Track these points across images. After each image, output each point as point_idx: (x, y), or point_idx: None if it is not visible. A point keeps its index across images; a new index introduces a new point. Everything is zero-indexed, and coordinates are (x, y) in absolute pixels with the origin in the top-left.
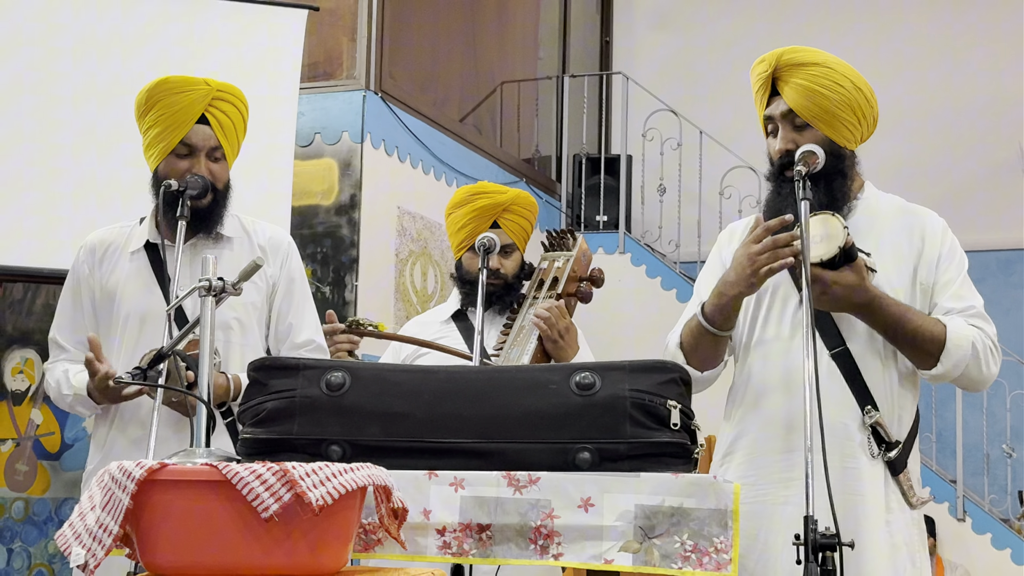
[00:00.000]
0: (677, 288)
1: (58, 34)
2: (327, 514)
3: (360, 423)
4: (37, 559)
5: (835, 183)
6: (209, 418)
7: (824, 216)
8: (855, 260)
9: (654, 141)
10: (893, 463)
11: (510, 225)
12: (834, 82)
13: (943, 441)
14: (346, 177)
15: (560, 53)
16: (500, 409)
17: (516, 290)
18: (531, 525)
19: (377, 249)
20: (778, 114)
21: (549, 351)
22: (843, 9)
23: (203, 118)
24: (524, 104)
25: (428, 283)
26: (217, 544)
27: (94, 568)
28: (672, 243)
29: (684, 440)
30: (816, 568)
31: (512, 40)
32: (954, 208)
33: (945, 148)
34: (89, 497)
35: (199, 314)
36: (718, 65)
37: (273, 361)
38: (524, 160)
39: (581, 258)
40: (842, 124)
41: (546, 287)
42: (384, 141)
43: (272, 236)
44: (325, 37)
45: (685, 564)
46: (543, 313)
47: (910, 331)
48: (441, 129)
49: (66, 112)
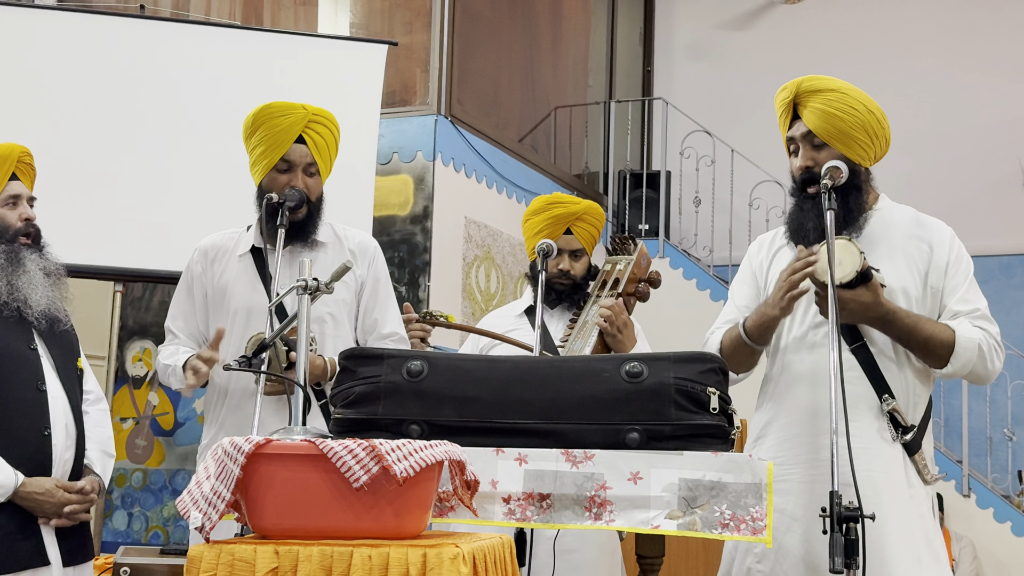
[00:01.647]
0: (711, 288)
1: (179, 71)
2: (409, 484)
3: (436, 405)
4: (153, 522)
5: (851, 197)
6: (304, 400)
7: (843, 242)
8: (871, 280)
9: (690, 158)
10: (909, 445)
11: (581, 232)
12: (848, 106)
13: (950, 426)
14: (420, 191)
15: (607, 81)
16: (559, 394)
17: (583, 289)
18: (586, 495)
19: (446, 254)
20: (799, 135)
21: (609, 344)
22: (861, 40)
23: (300, 138)
24: (575, 126)
25: (491, 283)
26: (314, 510)
27: (210, 529)
28: (706, 249)
29: (722, 423)
30: (840, 537)
31: (564, 70)
32: (961, 217)
33: (953, 164)
34: (204, 468)
35: (297, 309)
36: (747, 90)
37: (361, 351)
38: (575, 175)
39: (641, 261)
40: (856, 143)
41: (608, 287)
42: (453, 159)
43: (360, 241)
44: (402, 69)
45: (724, 530)
46: (604, 311)
47: (922, 339)
48: (502, 148)
49: (182, 137)
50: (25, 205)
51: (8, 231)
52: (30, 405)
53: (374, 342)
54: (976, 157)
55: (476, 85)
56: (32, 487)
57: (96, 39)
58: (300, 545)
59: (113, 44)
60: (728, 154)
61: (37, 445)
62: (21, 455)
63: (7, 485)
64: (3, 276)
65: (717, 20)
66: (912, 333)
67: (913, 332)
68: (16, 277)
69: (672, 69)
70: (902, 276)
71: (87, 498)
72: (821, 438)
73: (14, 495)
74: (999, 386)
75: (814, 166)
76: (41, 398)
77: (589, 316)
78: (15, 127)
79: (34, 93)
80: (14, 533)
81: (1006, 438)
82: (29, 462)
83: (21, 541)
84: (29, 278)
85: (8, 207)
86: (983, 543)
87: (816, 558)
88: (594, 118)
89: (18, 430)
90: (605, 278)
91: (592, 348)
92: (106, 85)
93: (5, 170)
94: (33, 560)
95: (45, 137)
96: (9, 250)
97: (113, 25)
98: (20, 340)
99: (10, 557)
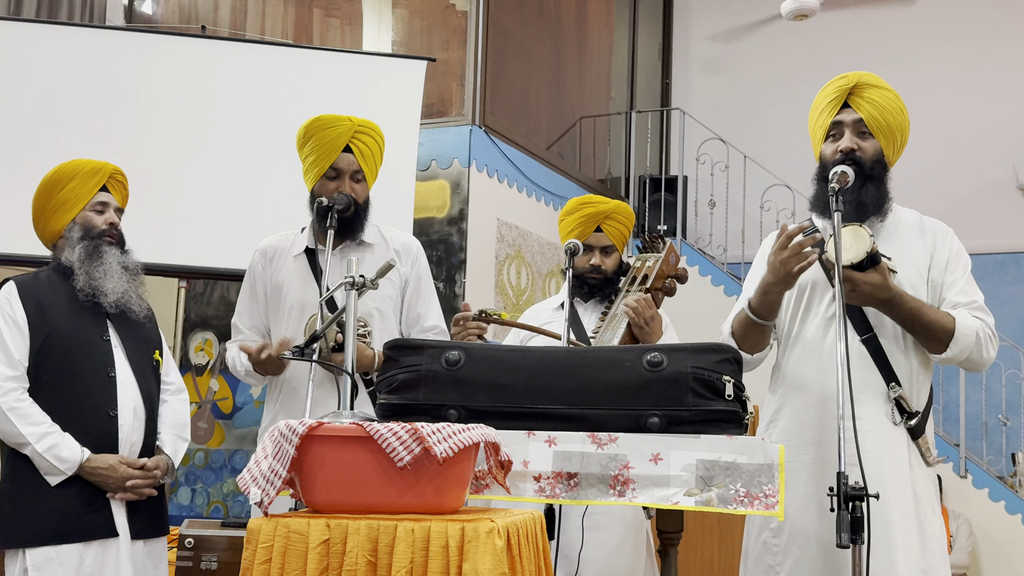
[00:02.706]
0: (724, 285)
1: (236, 85)
2: (449, 464)
3: (473, 392)
4: (214, 497)
5: (876, 187)
6: (352, 386)
7: (853, 227)
8: (879, 264)
9: (705, 164)
10: (913, 429)
11: (610, 230)
12: (899, 107)
13: (948, 411)
14: (456, 195)
15: (628, 92)
16: (585, 382)
17: (614, 284)
18: (611, 474)
19: (480, 253)
20: (849, 121)
21: (636, 335)
22: (864, 53)
23: (347, 148)
24: (599, 134)
25: (521, 280)
26: (361, 487)
27: (268, 504)
28: (720, 248)
29: (737, 409)
30: (847, 515)
31: (589, 83)
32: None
33: (951, 168)
34: (263, 448)
35: (345, 304)
36: (759, 101)
37: (403, 342)
38: (598, 180)
39: (669, 258)
40: (893, 141)
41: (637, 282)
42: (486, 166)
43: (405, 242)
44: (439, 83)
45: (739, 506)
46: (631, 303)
47: (925, 323)
48: (532, 155)
49: (241, 147)
50: (111, 212)
51: (93, 230)
52: (99, 389)
53: (417, 335)
54: (972, 162)
55: (507, 97)
56: (96, 462)
57: (162, 57)
58: (349, 519)
59: (177, 62)
60: (741, 160)
61: (103, 425)
62: (88, 434)
63: (72, 460)
64: (82, 268)
65: (730, 35)
66: (916, 317)
67: (917, 316)
68: (94, 268)
69: (689, 81)
70: (908, 273)
71: (150, 474)
72: (830, 422)
73: (80, 469)
74: (994, 375)
75: (857, 150)
76: (110, 383)
77: (619, 309)
78: (89, 140)
79: (106, 108)
80: (84, 505)
81: (1000, 423)
82: (96, 441)
83: (91, 513)
84: (106, 269)
85: (95, 211)
86: (979, 521)
87: (826, 533)
88: (616, 127)
89: (87, 411)
90: (635, 274)
91: (620, 339)
92: (170, 100)
93: (96, 181)
94: (101, 531)
95: (119, 150)
96: (90, 246)
97: (178, 45)
98: (93, 330)
99: (80, 527)
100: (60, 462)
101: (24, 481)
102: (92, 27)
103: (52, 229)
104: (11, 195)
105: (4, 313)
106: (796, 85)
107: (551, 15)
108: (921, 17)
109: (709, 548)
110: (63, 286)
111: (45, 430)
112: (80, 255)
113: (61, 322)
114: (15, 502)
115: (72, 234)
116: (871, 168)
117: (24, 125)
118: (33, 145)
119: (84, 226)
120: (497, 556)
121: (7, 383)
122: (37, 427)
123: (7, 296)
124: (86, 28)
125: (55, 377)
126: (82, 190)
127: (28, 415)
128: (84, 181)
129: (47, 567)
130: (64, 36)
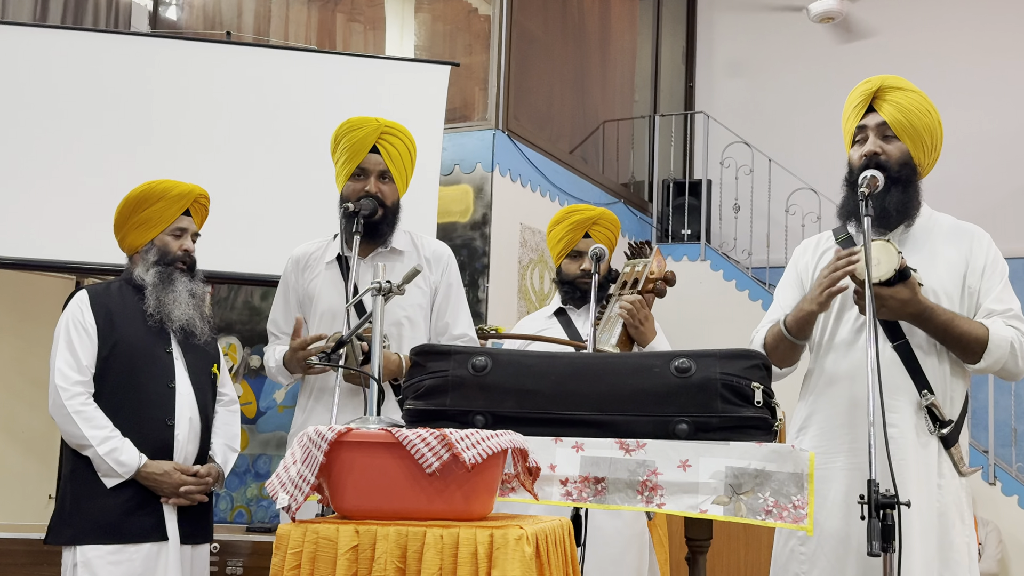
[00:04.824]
0: (749, 289)
1: (262, 91)
2: (477, 470)
3: (500, 398)
4: (238, 502)
5: (902, 191)
6: (379, 391)
7: (881, 243)
8: (908, 279)
9: (730, 168)
10: (946, 438)
11: (598, 235)
12: (924, 108)
13: (977, 417)
14: (479, 200)
15: (652, 96)
16: (613, 388)
17: (604, 289)
18: (639, 480)
19: (504, 257)
20: (872, 124)
21: (632, 335)
22: (892, 55)
23: (375, 148)
24: (622, 138)
25: (544, 284)
26: (390, 493)
27: (296, 509)
28: (745, 252)
29: (766, 415)
30: (878, 523)
31: (612, 86)
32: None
33: (984, 170)
34: (291, 453)
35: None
36: (784, 104)
37: (430, 347)
38: (622, 184)
39: (656, 263)
40: (922, 143)
41: (628, 286)
42: (510, 170)
43: (435, 249)
44: (463, 87)
45: (768, 517)
46: (627, 305)
47: (957, 335)
48: (555, 160)
49: (264, 153)
50: (188, 239)
51: (167, 256)
52: (159, 399)
53: (445, 343)
54: (1006, 164)
55: (531, 102)
56: (152, 468)
57: (187, 64)
58: (378, 525)
59: (202, 68)
60: (766, 163)
61: (160, 433)
62: (146, 441)
63: (131, 464)
64: (154, 293)
65: (754, 38)
66: (948, 329)
67: (949, 328)
68: (165, 295)
69: (712, 84)
70: (942, 279)
71: (202, 481)
72: (860, 429)
73: (137, 474)
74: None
75: (881, 154)
76: (169, 394)
77: (613, 312)
78: (108, 145)
79: (129, 114)
80: (137, 508)
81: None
82: (153, 447)
83: (144, 516)
84: (175, 296)
85: (173, 236)
86: (1008, 528)
87: (854, 541)
88: (640, 131)
89: (146, 420)
90: (625, 279)
91: (617, 338)
92: (194, 105)
93: (181, 205)
94: (153, 534)
95: (139, 156)
96: (164, 272)
97: (202, 51)
98: (158, 344)
99: (133, 529)
100: (119, 466)
101: (83, 481)
102: (117, 33)
103: (131, 244)
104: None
105: (76, 320)
106: (821, 88)
107: (574, 18)
108: (951, 18)
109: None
110: (132, 299)
111: (107, 434)
112: (154, 279)
113: (128, 334)
114: (74, 500)
115: (148, 256)
116: (897, 171)
117: (48, 130)
118: (56, 150)
119: (161, 250)
120: (526, 563)
121: (74, 387)
122: (100, 431)
123: (79, 304)
124: (111, 34)
125: (119, 385)
126: (166, 213)
127: (92, 419)
128: (169, 205)
129: (97, 564)
130: (90, 42)
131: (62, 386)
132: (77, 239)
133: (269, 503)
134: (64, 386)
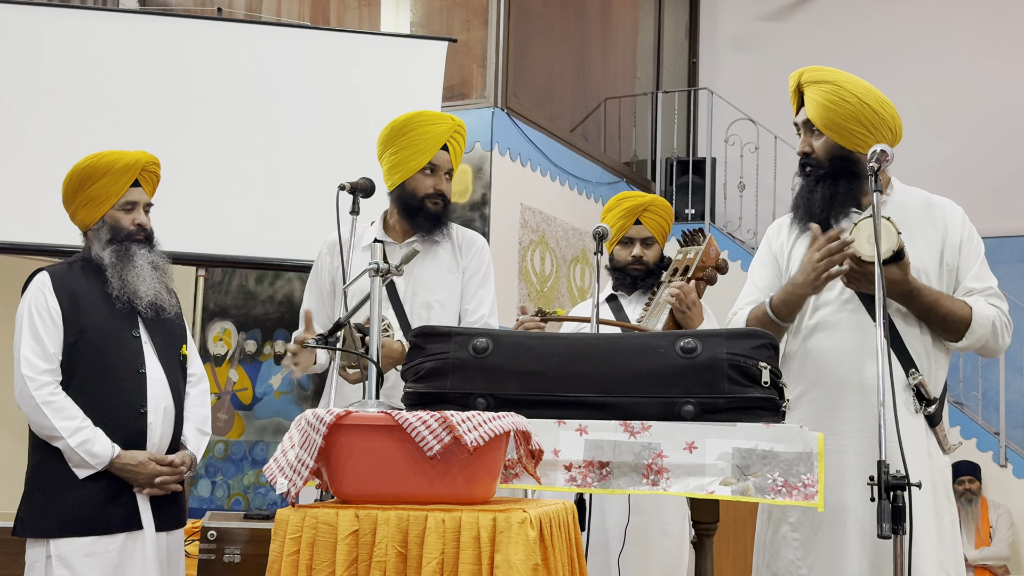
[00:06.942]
0: None
1: (253, 69)
2: (479, 453)
3: (501, 380)
4: (235, 489)
5: (840, 183)
6: (378, 375)
7: (881, 221)
8: (903, 259)
9: (734, 145)
10: (931, 416)
11: (649, 222)
12: (841, 98)
13: (988, 399)
14: (478, 179)
15: (654, 73)
16: (617, 369)
17: (656, 275)
18: (644, 463)
19: (504, 238)
20: (800, 122)
21: (679, 320)
22: (898, 31)
23: (444, 146)
24: (624, 116)
25: (545, 266)
26: (391, 476)
27: (295, 494)
28: (750, 231)
29: (773, 396)
30: (888, 504)
31: (614, 63)
32: (996, 199)
33: (988, 148)
34: (289, 438)
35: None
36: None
37: (430, 329)
38: (624, 163)
39: (709, 250)
40: (850, 133)
41: (679, 273)
42: (509, 149)
43: (468, 237)
44: (460, 64)
45: (777, 495)
46: (674, 291)
47: (941, 314)
48: (555, 138)
49: (257, 132)
50: (140, 211)
51: (121, 232)
52: (129, 386)
53: None
54: (1008, 141)
55: (530, 79)
56: (126, 459)
57: (177, 41)
58: (378, 509)
59: (193, 45)
60: (771, 141)
61: (133, 422)
62: (118, 430)
63: (104, 455)
64: (115, 273)
65: (759, 12)
66: (933, 308)
67: (934, 308)
68: (127, 272)
69: (716, 60)
70: (920, 257)
71: (177, 470)
72: (848, 410)
73: (110, 465)
74: None
75: (811, 152)
76: (140, 380)
77: (661, 298)
78: (103, 124)
79: (120, 93)
80: (111, 499)
81: None
82: (125, 436)
83: (117, 506)
84: (138, 272)
85: (124, 211)
86: (1020, 511)
87: (843, 526)
88: (642, 108)
89: (117, 408)
90: (676, 266)
91: (663, 325)
92: (185, 84)
93: (128, 178)
94: (128, 524)
95: (133, 134)
96: (120, 248)
97: (193, 27)
98: (124, 328)
99: (107, 520)
100: (92, 457)
101: (53, 473)
102: (107, 10)
103: (81, 220)
104: (27, 182)
105: (39, 305)
106: (827, 62)
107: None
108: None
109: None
110: (95, 280)
111: (78, 425)
112: (111, 259)
113: (95, 318)
114: (44, 493)
115: (101, 234)
116: (828, 166)
117: (40, 110)
118: (49, 130)
119: (113, 227)
120: (530, 547)
121: (42, 376)
122: (71, 421)
123: (41, 287)
124: (101, 11)
125: (87, 372)
126: (112, 188)
127: (62, 409)
128: (115, 179)
129: (72, 557)
130: (79, 20)
131: (29, 376)
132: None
133: (266, 490)
134: (31, 375)
